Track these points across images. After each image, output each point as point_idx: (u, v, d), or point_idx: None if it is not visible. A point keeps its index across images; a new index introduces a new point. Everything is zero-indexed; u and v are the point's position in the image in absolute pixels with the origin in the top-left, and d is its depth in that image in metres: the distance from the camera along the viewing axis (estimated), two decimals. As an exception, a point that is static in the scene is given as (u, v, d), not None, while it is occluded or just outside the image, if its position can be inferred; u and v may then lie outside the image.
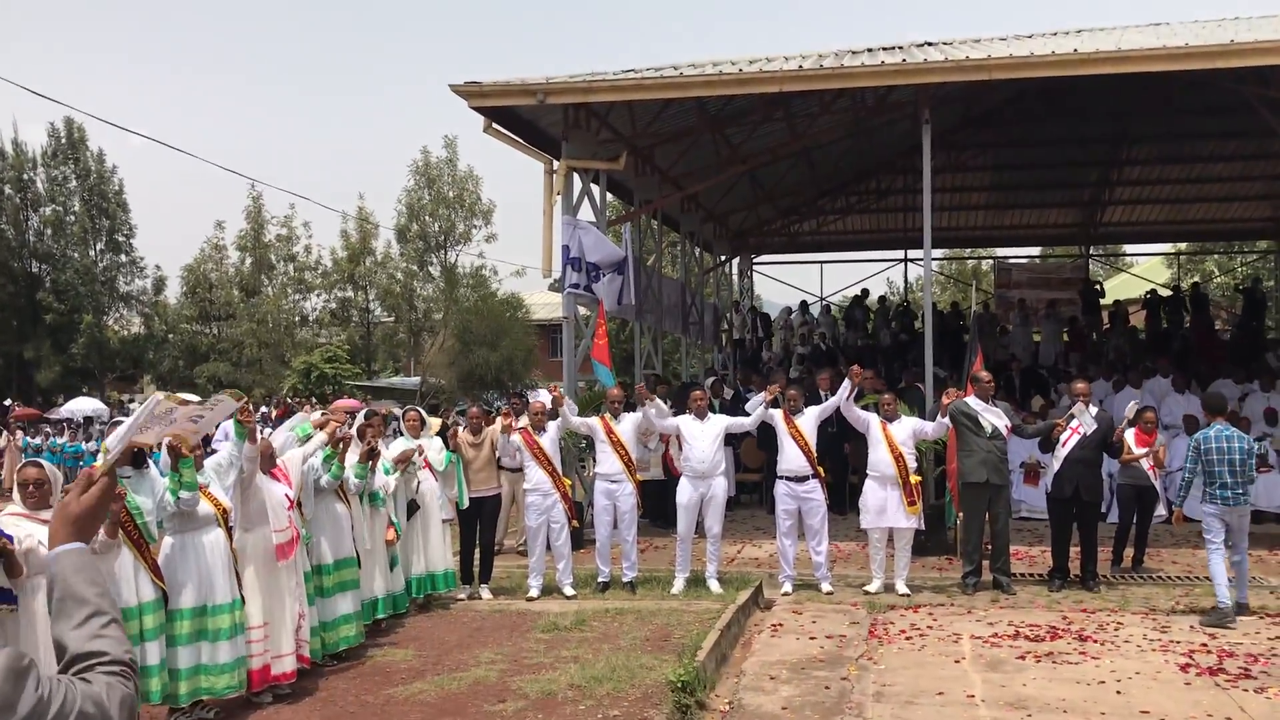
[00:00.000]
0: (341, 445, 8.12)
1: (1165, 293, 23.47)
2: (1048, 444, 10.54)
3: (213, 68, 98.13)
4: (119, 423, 6.85)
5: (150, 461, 6.71)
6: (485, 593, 10.29)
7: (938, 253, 35.60)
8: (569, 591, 10.10)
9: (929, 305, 13.37)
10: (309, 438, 7.96)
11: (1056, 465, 10.36)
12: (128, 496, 6.21)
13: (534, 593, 10.11)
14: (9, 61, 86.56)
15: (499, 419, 10.49)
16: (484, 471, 10.37)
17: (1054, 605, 9.66)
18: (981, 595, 10.04)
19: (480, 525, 10.33)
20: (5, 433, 26.06)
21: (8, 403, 33.16)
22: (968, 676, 7.43)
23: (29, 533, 5.53)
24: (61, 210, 41.99)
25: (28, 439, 25.02)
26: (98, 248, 42.79)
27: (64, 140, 41.88)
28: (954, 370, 16.37)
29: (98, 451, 19.64)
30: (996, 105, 18.58)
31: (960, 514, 10.86)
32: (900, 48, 14.49)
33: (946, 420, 10.23)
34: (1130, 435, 10.80)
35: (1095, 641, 8.28)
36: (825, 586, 10.24)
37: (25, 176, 41.10)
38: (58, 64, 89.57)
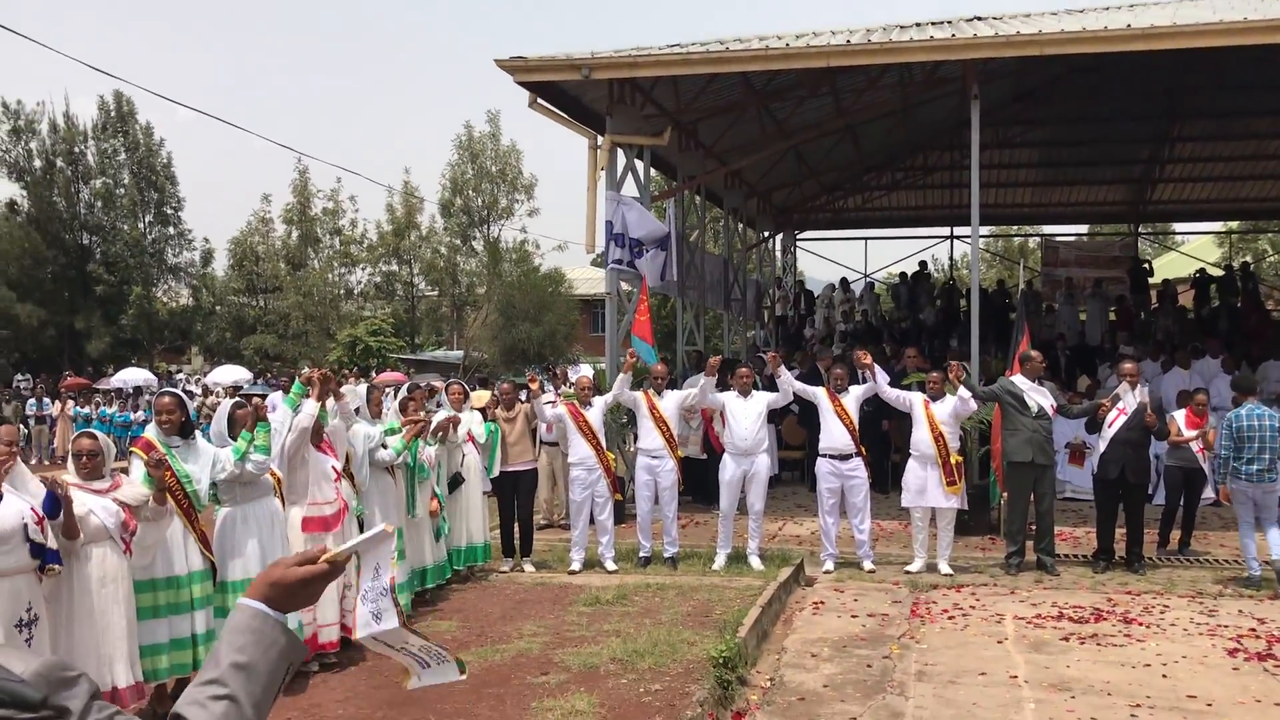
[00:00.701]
0: (416, 427, 8.31)
1: (1216, 272, 23.09)
2: (1094, 424, 10.45)
3: (258, 43, 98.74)
4: (166, 390, 6.93)
5: (199, 432, 6.80)
6: (528, 566, 10.37)
7: (984, 230, 35.24)
8: (611, 566, 10.15)
9: (976, 283, 13.22)
10: (393, 431, 8.14)
11: (1103, 446, 10.26)
12: (176, 464, 6.30)
13: (576, 566, 10.18)
14: (60, 34, 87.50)
15: (529, 387, 10.54)
16: (519, 445, 10.44)
17: (1098, 587, 9.59)
18: (1025, 576, 9.98)
19: (517, 499, 10.41)
20: (58, 402, 26.52)
21: (66, 373, 33.70)
22: (1010, 657, 7.41)
23: (81, 501, 5.65)
24: (111, 183, 42.45)
25: (78, 408, 25.43)
26: (147, 220, 43.29)
27: (113, 113, 42.29)
28: (1000, 349, 16.23)
29: (146, 421, 19.87)
30: (1046, 80, 18.30)
31: (1004, 494, 10.79)
32: (949, 22, 14.32)
33: (965, 392, 10.10)
34: (1180, 417, 10.68)
35: (1140, 624, 8.22)
36: (867, 565, 10.22)
37: (76, 149, 41.58)
38: (107, 37, 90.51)
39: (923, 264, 24.85)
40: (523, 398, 10.66)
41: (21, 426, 26.73)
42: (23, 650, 1.61)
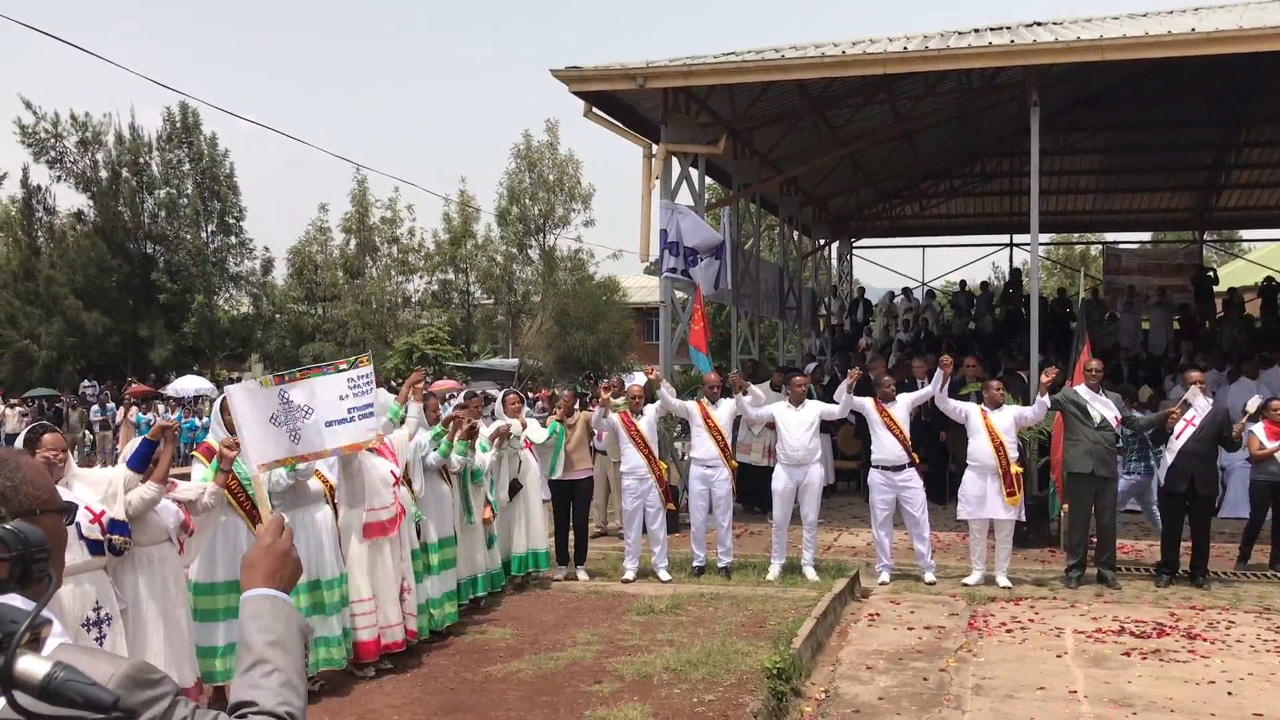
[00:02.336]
0: (451, 425, 8.26)
1: (1285, 280, 22.57)
2: (1160, 435, 10.24)
3: (318, 54, 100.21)
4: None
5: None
6: (582, 574, 10.38)
7: (1044, 237, 34.81)
8: (664, 575, 10.13)
9: (1035, 291, 13.06)
10: (401, 420, 8.07)
11: (1170, 458, 10.03)
12: (237, 468, 6.38)
13: (630, 575, 10.17)
14: (127, 46, 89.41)
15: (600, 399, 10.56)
16: (577, 453, 10.44)
17: (1161, 601, 9.40)
18: (1085, 589, 9.82)
19: (574, 507, 10.40)
20: (121, 408, 27.04)
21: (130, 380, 34.37)
22: (1070, 672, 7.28)
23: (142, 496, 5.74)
24: (175, 193, 43.26)
25: (140, 415, 25.89)
26: (209, 229, 44.04)
27: (178, 124, 43.07)
28: (1061, 358, 16.01)
29: (206, 427, 20.16)
30: (1108, 86, 18.04)
31: (1064, 505, 10.61)
32: (1008, 28, 14.15)
33: (1046, 400, 9.94)
34: (1260, 429, 10.42)
35: (1205, 640, 8.03)
36: (928, 576, 10.10)
37: (141, 160, 42.40)
38: (172, 49, 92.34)
39: (1016, 272, 24.80)
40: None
41: (86, 432, 27.33)
42: (110, 654, 1.67)
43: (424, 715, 6.34)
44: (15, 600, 1.51)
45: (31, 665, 1.43)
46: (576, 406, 10.70)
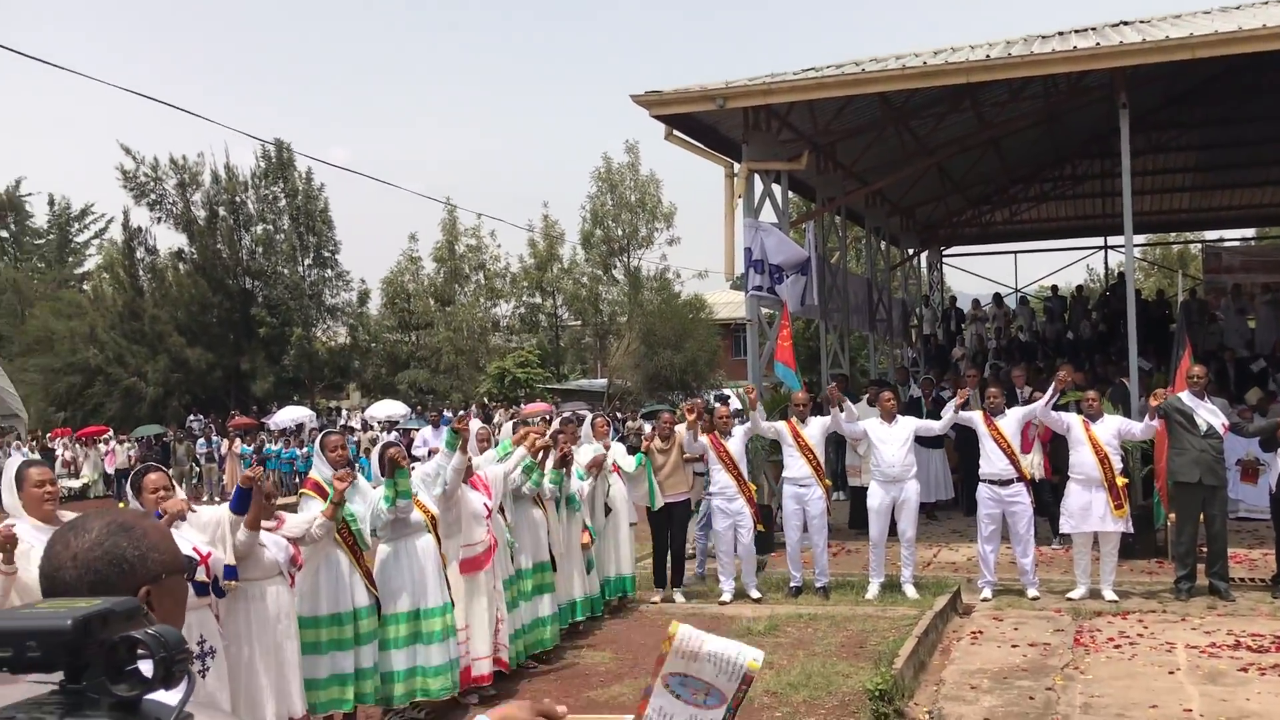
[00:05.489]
0: (541, 454, 8.33)
1: (1399, 272, 21.71)
2: (1271, 442, 9.89)
3: (410, 88, 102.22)
4: (331, 430, 7.17)
5: (357, 473, 7.04)
6: (679, 596, 10.38)
7: (1140, 239, 34.06)
8: (754, 594, 10.10)
9: (1131, 294, 12.76)
10: (508, 455, 8.17)
11: (1280, 464, 9.71)
12: (342, 504, 6.53)
13: (726, 597, 10.15)
14: (217, 85, 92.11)
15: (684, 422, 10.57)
16: (674, 476, 10.43)
17: (1278, 613, 9.08)
18: (1196, 601, 9.52)
19: (671, 530, 10.41)
20: (225, 441, 27.78)
21: (233, 413, 35.30)
22: (1183, 689, 7.07)
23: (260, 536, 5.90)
24: (271, 229, 44.29)
25: (245, 446, 26.57)
26: (305, 263, 44.95)
27: (273, 161, 44.12)
28: (1161, 363, 15.59)
29: (307, 457, 20.77)
30: (1200, 82, 17.59)
31: (1170, 514, 10.31)
32: (1094, 29, 13.89)
33: (1155, 423, 9.70)
34: None
35: (1327, 653, 7.75)
36: (1032, 592, 9.89)
37: (237, 199, 43.56)
38: (268, 82, 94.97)
39: (1121, 276, 24.36)
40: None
41: (194, 465, 28.18)
42: (223, 713, 1.71)
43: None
44: (159, 696, 1.56)
45: None
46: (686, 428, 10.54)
